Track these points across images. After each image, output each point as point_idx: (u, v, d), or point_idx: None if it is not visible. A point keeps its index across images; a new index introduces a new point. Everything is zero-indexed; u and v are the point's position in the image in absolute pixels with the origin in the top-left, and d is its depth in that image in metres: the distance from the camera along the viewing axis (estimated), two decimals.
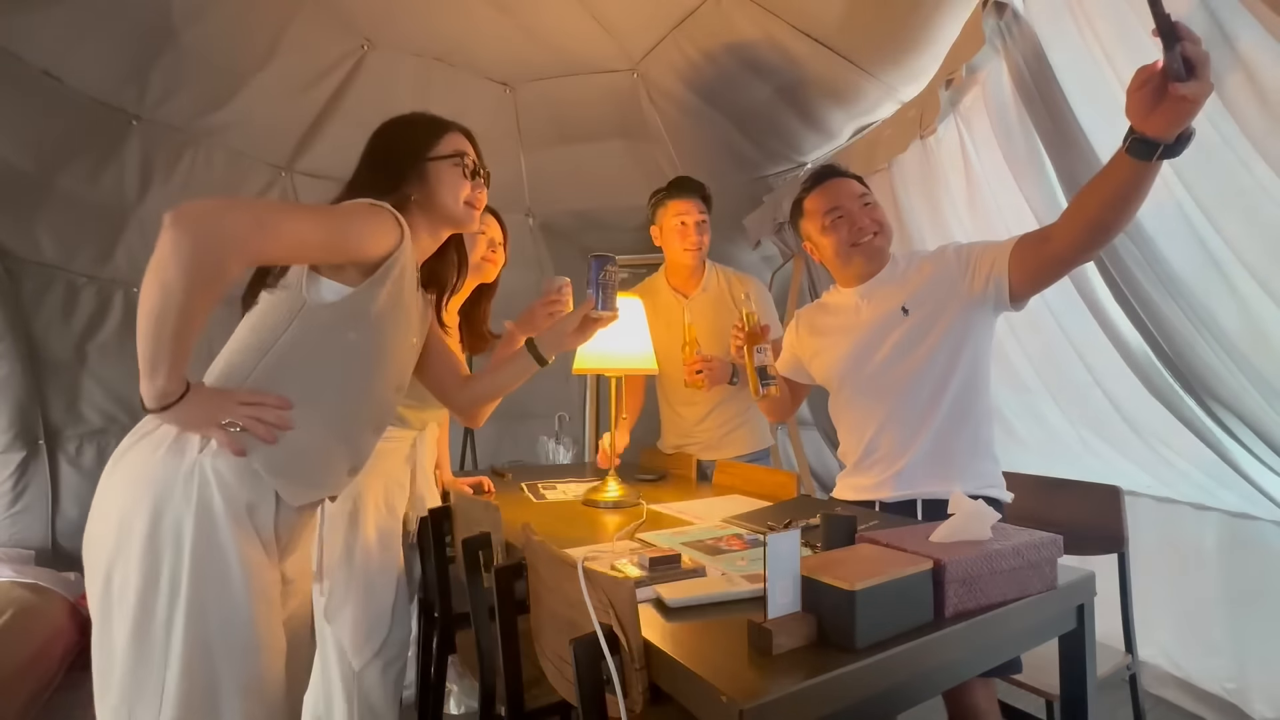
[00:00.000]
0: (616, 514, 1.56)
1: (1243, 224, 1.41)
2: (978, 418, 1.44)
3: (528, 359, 1.39)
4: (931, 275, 1.46)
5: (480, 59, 2.82)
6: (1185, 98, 0.92)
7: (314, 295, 1.07)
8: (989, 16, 1.70)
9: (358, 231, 1.05)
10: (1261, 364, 1.52)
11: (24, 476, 2.23)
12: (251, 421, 0.99)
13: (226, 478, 0.98)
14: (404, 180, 1.19)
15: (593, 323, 1.40)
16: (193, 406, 0.96)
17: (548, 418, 3.54)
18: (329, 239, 1.02)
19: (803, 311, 1.74)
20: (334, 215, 1.04)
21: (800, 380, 1.75)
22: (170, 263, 0.86)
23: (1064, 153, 1.64)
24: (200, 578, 0.95)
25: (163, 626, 0.93)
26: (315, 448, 1.08)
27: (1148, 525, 2.14)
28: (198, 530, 0.95)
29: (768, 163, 3.07)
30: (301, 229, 0.98)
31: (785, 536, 0.80)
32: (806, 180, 1.63)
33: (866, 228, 1.51)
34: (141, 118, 2.39)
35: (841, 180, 1.58)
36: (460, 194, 1.23)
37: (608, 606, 0.83)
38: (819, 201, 1.57)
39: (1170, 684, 2.10)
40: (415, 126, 1.25)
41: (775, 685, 0.69)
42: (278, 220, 0.96)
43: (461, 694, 2.13)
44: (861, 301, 1.56)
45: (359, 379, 1.13)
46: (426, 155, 1.21)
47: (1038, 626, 0.98)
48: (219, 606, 0.96)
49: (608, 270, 1.40)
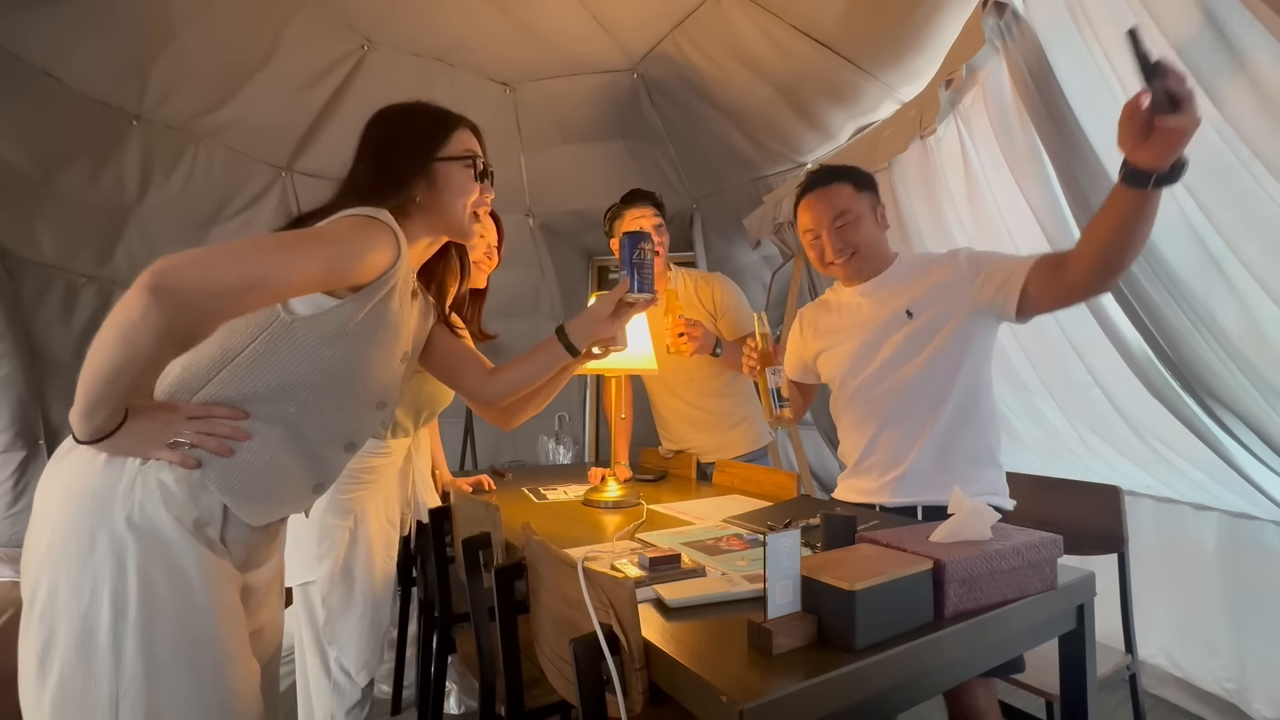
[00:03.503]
0: (616, 514, 1.56)
1: (1243, 224, 1.41)
2: (980, 424, 1.44)
3: (558, 349, 1.27)
4: (940, 280, 1.44)
5: (480, 59, 2.82)
6: (1173, 130, 0.95)
7: (290, 308, 0.96)
8: (989, 16, 1.70)
9: (356, 258, 0.95)
10: (1261, 364, 1.51)
11: (24, 476, 2.23)
12: (201, 437, 0.90)
13: (173, 490, 0.89)
14: (409, 182, 1.08)
15: (628, 307, 1.26)
16: (131, 435, 0.87)
17: (548, 418, 3.54)
18: (326, 275, 0.92)
19: (805, 310, 1.74)
20: (329, 247, 0.93)
21: (808, 381, 1.73)
22: (142, 328, 0.77)
23: (1064, 153, 1.64)
24: (151, 597, 0.86)
25: (108, 654, 0.84)
26: (275, 466, 0.98)
27: (1148, 525, 2.14)
28: (142, 548, 0.86)
29: (768, 163, 3.07)
30: (295, 278, 0.89)
31: (785, 536, 0.80)
32: (798, 187, 1.62)
33: (839, 252, 1.51)
34: (141, 118, 2.39)
35: (821, 196, 1.53)
36: (469, 200, 1.13)
37: (608, 606, 0.83)
38: (801, 217, 1.57)
39: (1170, 684, 2.10)
40: (421, 120, 1.14)
41: (775, 685, 0.69)
42: (268, 277, 0.85)
43: (461, 694, 2.13)
44: (863, 300, 1.56)
45: (331, 397, 1.02)
46: (435, 154, 1.11)
47: (1038, 626, 0.98)
48: (179, 625, 0.87)
49: (642, 248, 1.25)
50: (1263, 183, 1.33)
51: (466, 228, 1.15)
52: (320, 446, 1.04)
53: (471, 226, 1.16)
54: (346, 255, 0.94)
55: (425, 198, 1.10)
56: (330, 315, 0.97)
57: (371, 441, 1.55)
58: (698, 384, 2.11)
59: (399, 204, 1.07)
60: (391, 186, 1.06)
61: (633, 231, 1.27)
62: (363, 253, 0.96)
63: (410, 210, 1.10)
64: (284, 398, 0.97)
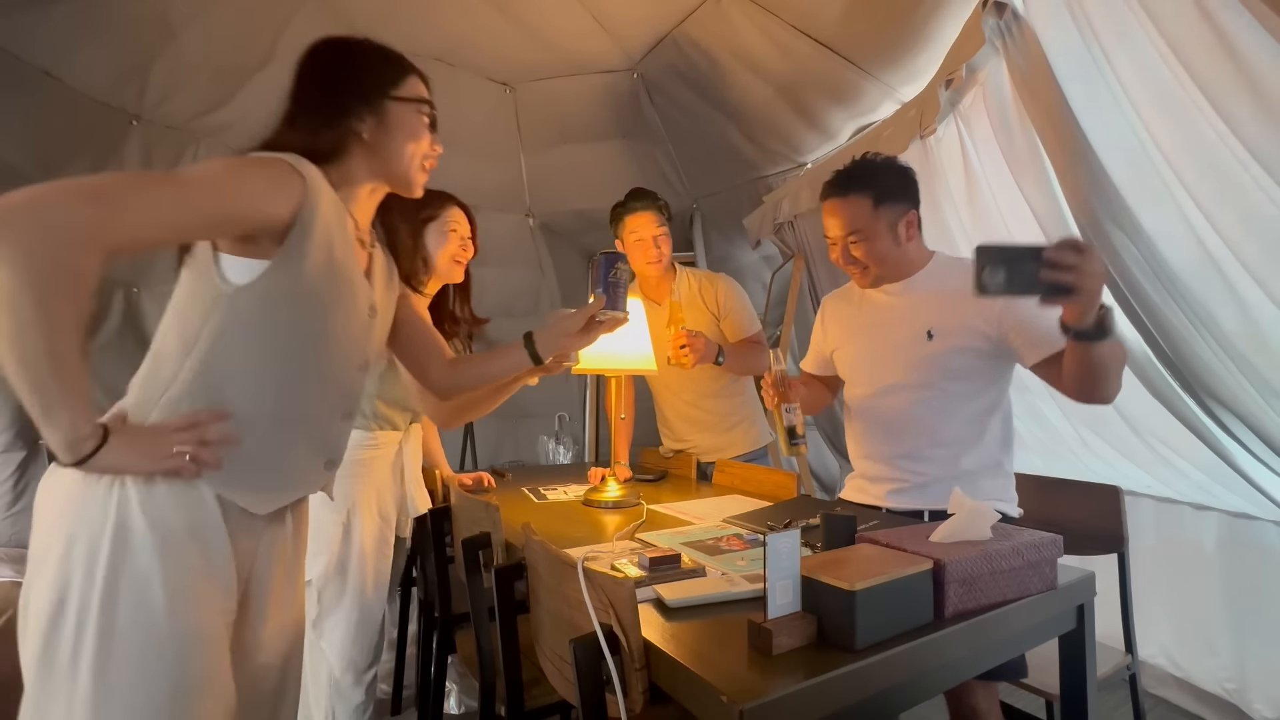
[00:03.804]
0: (616, 514, 1.56)
1: (1242, 224, 1.41)
2: (992, 439, 1.41)
3: (522, 354, 1.25)
4: (969, 307, 1.35)
5: (480, 59, 2.82)
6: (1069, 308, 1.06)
7: (226, 279, 0.89)
8: (989, 16, 1.70)
9: (240, 192, 0.85)
10: (1261, 364, 1.51)
11: (24, 476, 2.23)
12: (196, 449, 0.85)
13: (153, 496, 0.84)
14: (354, 113, 0.98)
15: (599, 325, 1.28)
16: (116, 453, 0.82)
17: (548, 418, 3.54)
18: (205, 206, 0.83)
19: (827, 301, 1.71)
20: (205, 177, 0.85)
21: (828, 374, 1.69)
22: (5, 275, 0.69)
23: (1064, 153, 1.64)
24: (112, 609, 0.80)
25: (69, 658, 0.80)
26: (271, 450, 0.94)
27: (1148, 525, 2.14)
28: (112, 555, 0.81)
29: (768, 163, 3.07)
30: (163, 199, 0.79)
31: (785, 536, 0.80)
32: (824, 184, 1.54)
33: (849, 264, 1.48)
34: (141, 118, 2.39)
35: (837, 207, 1.47)
36: (421, 147, 1.05)
37: (608, 606, 0.83)
38: (823, 217, 1.52)
39: (1170, 684, 2.10)
40: (375, 54, 1.05)
41: (775, 685, 0.69)
42: (125, 192, 0.77)
43: (461, 694, 2.13)
44: (886, 300, 1.51)
45: (308, 365, 0.96)
46: (390, 92, 1.02)
47: (1038, 626, 0.98)
48: (137, 641, 0.81)
49: (618, 268, 1.30)
50: (1262, 183, 1.33)
51: (412, 177, 1.06)
52: (316, 422, 1.00)
53: (418, 177, 1.07)
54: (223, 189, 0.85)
55: (373, 136, 1.00)
56: (269, 277, 0.89)
57: (359, 434, 1.55)
58: (699, 384, 2.12)
59: (340, 138, 0.98)
60: (334, 114, 0.98)
61: (610, 251, 1.32)
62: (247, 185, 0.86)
63: (353, 148, 1.00)
64: (259, 378, 0.92)
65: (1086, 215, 1.63)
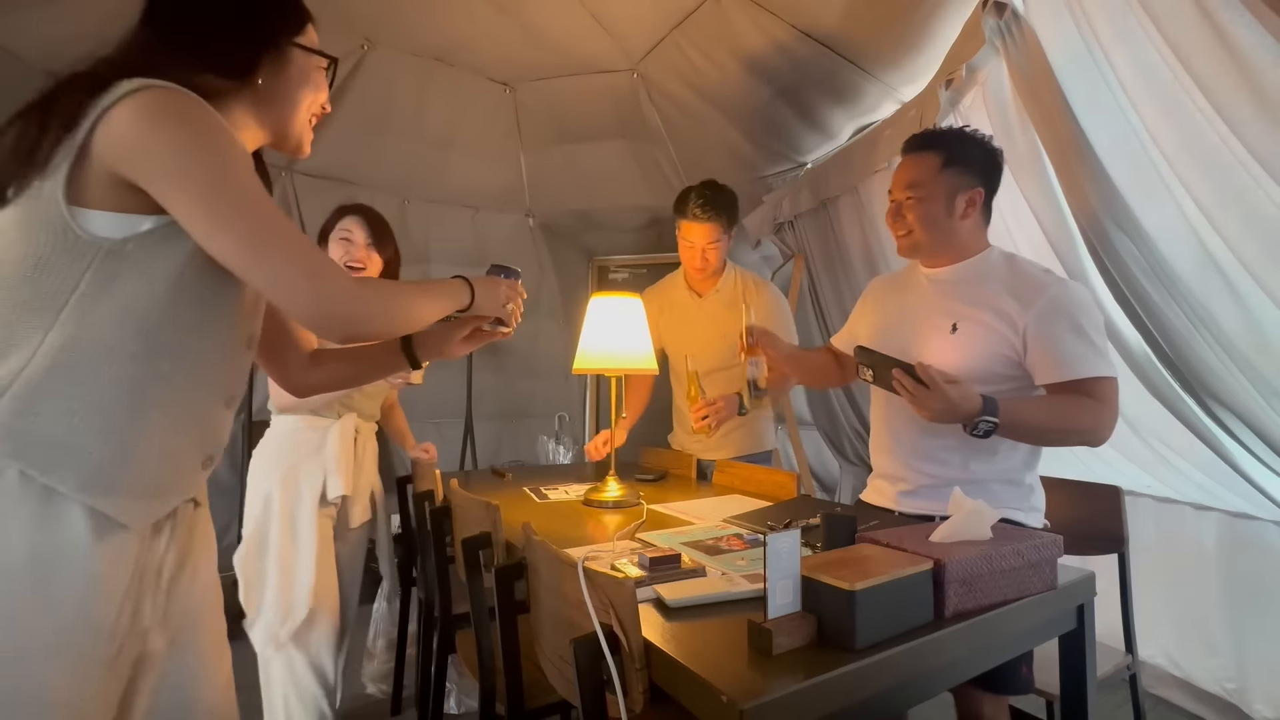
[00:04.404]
0: (616, 514, 1.55)
1: (1242, 224, 1.41)
2: (1010, 452, 1.36)
3: (399, 359, 1.16)
4: (1003, 307, 1.32)
5: (480, 59, 2.83)
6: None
7: (93, 236, 0.74)
8: (989, 16, 1.70)
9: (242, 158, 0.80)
10: (1261, 364, 1.52)
11: None
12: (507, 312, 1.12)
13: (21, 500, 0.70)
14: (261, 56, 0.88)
15: (484, 335, 1.22)
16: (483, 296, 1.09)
17: (548, 418, 3.54)
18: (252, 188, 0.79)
19: (877, 280, 1.70)
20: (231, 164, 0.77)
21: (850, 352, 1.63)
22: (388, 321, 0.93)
23: (1064, 153, 1.65)
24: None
25: None
26: (155, 444, 0.80)
27: (1148, 525, 2.14)
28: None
29: (768, 163, 3.07)
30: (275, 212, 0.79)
31: (785, 536, 0.80)
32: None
33: (895, 224, 1.44)
34: None
35: (907, 163, 1.43)
36: (316, 102, 0.97)
37: (608, 606, 0.83)
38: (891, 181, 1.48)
39: (1170, 684, 2.10)
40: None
41: (775, 685, 0.69)
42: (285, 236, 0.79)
43: (461, 694, 2.13)
44: (928, 284, 1.46)
45: (205, 339, 0.84)
46: (294, 38, 0.91)
47: (1038, 626, 0.98)
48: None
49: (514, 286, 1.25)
50: (1262, 183, 1.33)
51: (302, 134, 0.97)
52: (203, 407, 0.87)
53: (306, 136, 0.99)
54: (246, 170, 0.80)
55: (269, 82, 0.89)
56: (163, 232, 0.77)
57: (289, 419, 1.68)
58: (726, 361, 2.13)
59: (236, 77, 0.86)
60: (241, 54, 0.86)
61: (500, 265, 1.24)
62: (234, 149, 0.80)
63: (243, 93, 0.88)
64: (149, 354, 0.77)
65: (1086, 215, 1.64)
